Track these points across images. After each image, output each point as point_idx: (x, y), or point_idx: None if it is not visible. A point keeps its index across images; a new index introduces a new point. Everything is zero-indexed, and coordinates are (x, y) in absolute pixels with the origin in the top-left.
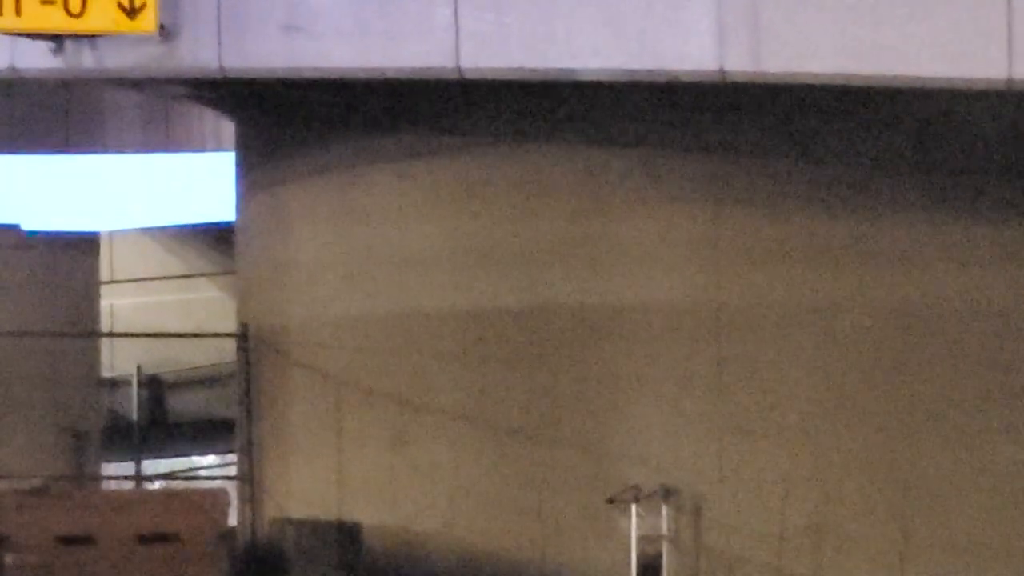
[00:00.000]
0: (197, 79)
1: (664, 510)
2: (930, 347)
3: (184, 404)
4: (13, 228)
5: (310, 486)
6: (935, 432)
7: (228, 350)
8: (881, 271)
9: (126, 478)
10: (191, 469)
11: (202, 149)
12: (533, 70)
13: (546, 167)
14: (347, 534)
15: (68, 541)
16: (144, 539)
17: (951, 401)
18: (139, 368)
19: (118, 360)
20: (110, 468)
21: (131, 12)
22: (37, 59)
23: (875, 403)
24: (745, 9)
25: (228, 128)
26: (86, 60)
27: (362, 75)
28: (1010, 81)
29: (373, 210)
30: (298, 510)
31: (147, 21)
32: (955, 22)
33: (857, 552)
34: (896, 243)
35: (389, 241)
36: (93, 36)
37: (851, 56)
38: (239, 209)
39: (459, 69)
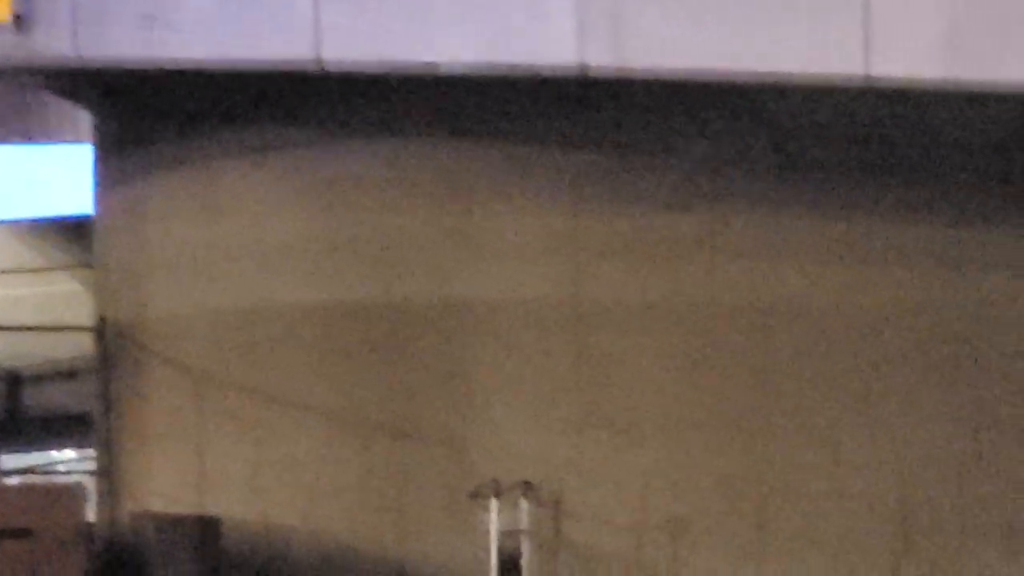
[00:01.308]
0: (53, 69)
1: (524, 505)
2: (788, 344)
3: (42, 398)
4: None
5: (170, 480)
6: (793, 429)
7: (87, 344)
8: (738, 268)
9: None
10: (49, 464)
11: (59, 140)
12: (394, 63)
13: (407, 161)
14: (207, 529)
15: None
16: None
17: (809, 399)
18: None
19: None
20: None
21: None
22: None
23: (733, 399)
24: (606, 4)
25: (86, 119)
26: None
27: (221, 67)
28: (867, 78)
29: (233, 203)
30: (158, 505)
31: (2, 9)
32: (813, 20)
33: (715, 546)
34: (753, 240)
35: (249, 234)
36: None
37: (712, 53)
38: (97, 201)
39: (320, 61)
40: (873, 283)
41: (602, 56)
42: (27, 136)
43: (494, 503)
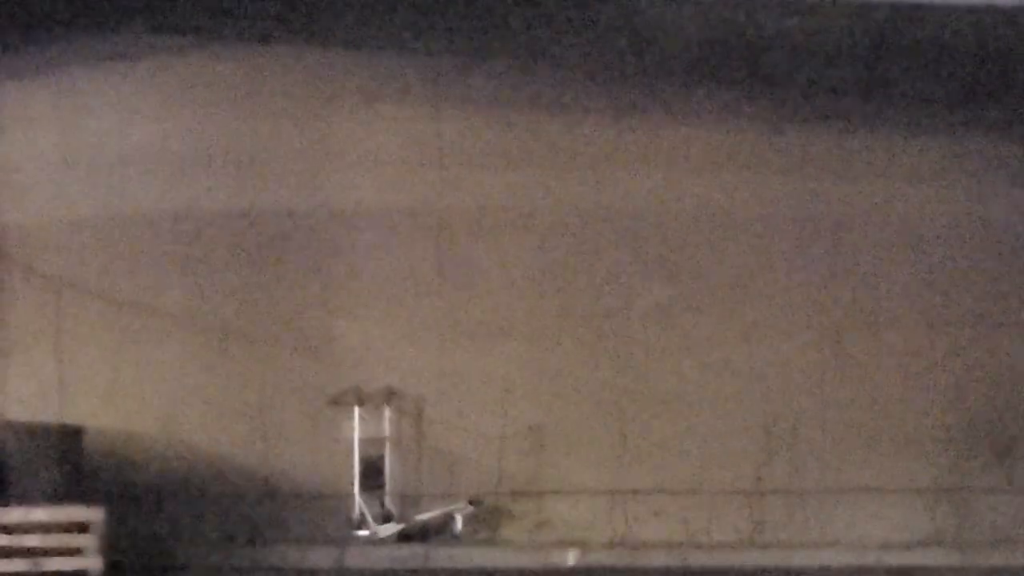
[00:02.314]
0: None
1: (386, 412)
2: (653, 251)
3: None
4: None
5: (30, 389)
6: (657, 336)
7: None
8: (602, 175)
9: None
10: None
11: None
12: None
13: (266, 68)
14: (68, 437)
15: None
16: None
17: (675, 306)
18: None
19: None
20: None
21: None
22: None
23: (597, 306)
24: None
25: None
26: None
27: None
28: None
29: (91, 111)
30: (18, 413)
31: None
32: None
33: (577, 452)
34: (617, 147)
35: (107, 142)
36: None
37: None
38: None
39: None
40: (737, 191)
41: None
42: None
43: (356, 410)
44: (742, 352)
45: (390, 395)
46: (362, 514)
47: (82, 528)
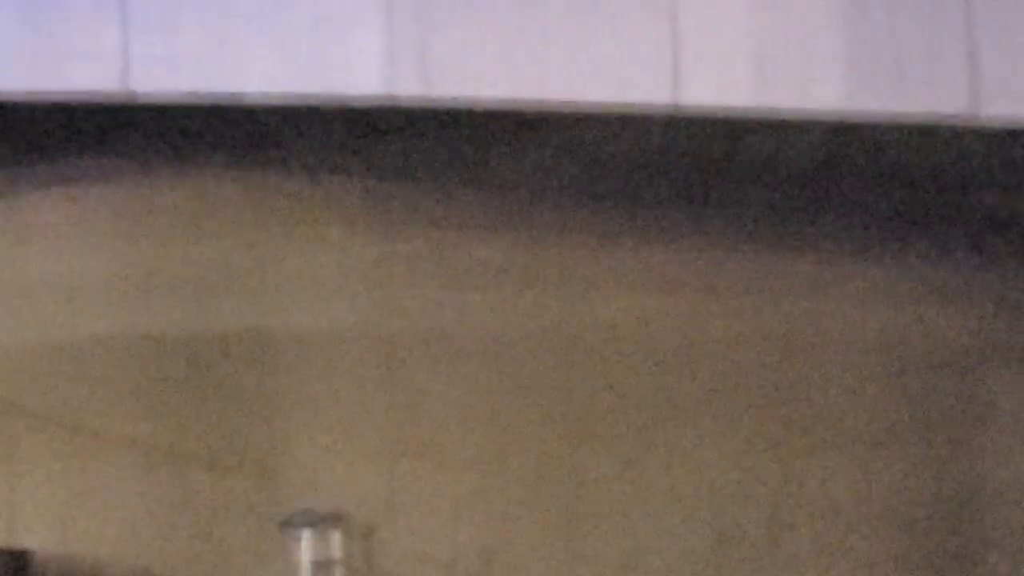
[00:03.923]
0: None
1: (336, 535)
2: (599, 374)
3: None
4: None
5: None
6: (604, 459)
7: None
8: (547, 297)
9: None
10: None
11: None
12: (204, 94)
13: (216, 190)
14: (18, 562)
15: None
16: None
17: (620, 428)
18: None
19: None
20: None
21: None
22: None
23: (544, 429)
24: (415, 33)
25: None
26: None
27: (27, 98)
28: (676, 107)
29: (37, 235)
30: None
31: None
32: (620, 47)
33: (527, 572)
34: (564, 269)
35: (54, 266)
36: None
37: (520, 81)
38: None
39: (130, 92)
40: (682, 313)
41: (410, 85)
42: None
43: (306, 533)
44: (688, 474)
45: (339, 518)
46: None
47: None
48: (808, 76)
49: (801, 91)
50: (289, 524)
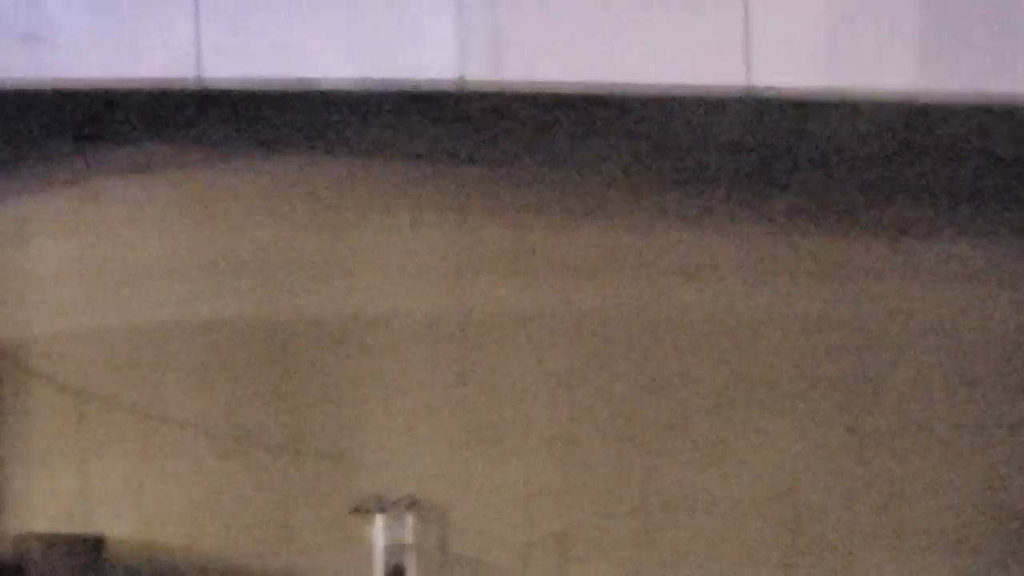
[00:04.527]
0: None
1: (409, 519)
2: (673, 356)
3: None
4: None
5: (53, 500)
6: (678, 440)
7: None
8: (621, 280)
9: None
10: None
11: None
12: (274, 80)
13: (289, 177)
14: (91, 548)
15: None
16: None
17: (694, 410)
18: None
19: None
20: None
21: None
22: None
23: (617, 411)
24: (485, 18)
25: None
26: None
27: (103, 86)
28: (748, 88)
29: (113, 221)
30: (42, 524)
31: None
32: (693, 29)
33: (601, 559)
34: (638, 252)
35: (130, 252)
36: None
37: (591, 65)
38: None
39: (200, 80)
40: (758, 294)
41: (481, 70)
42: None
43: (379, 518)
44: (764, 456)
45: (413, 503)
46: None
47: None
48: (880, 56)
49: (873, 71)
50: (362, 509)
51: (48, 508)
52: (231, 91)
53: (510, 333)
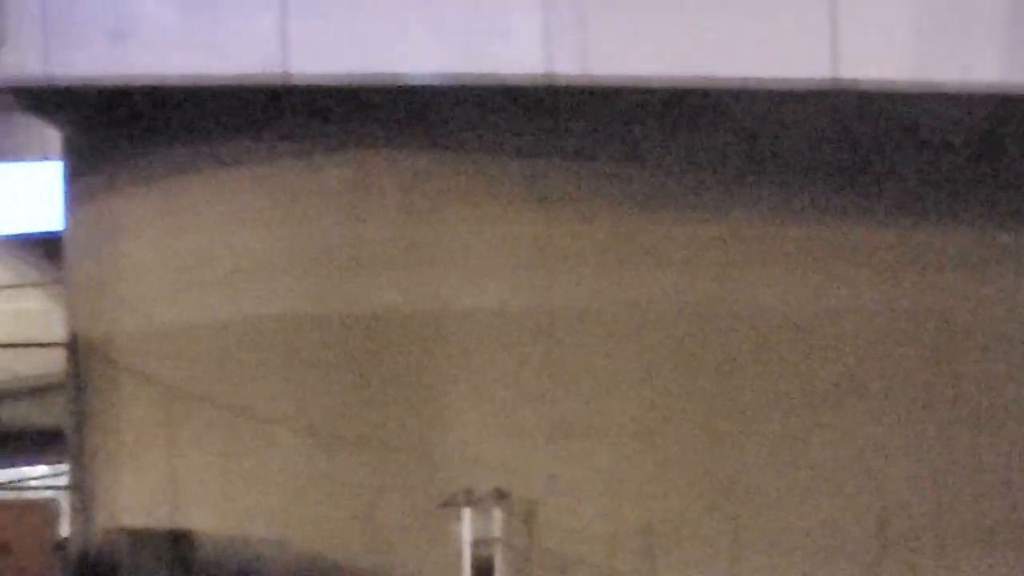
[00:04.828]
0: (23, 88)
1: (496, 513)
2: (759, 348)
3: (14, 414)
4: None
5: (142, 495)
6: (766, 433)
7: (57, 360)
8: (708, 272)
9: None
10: (22, 480)
11: (28, 158)
12: (360, 75)
13: (374, 172)
14: (179, 542)
15: None
16: None
17: (781, 402)
18: None
19: None
20: None
21: None
22: None
23: (704, 404)
24: (572, 12)
25: (54, 136)
26: None
27: (189, 82)
28: (835, 80)
29: (201, 217)
30: (131, 519)
31: None
32: (779, 22)
33: (689, 552)
34: (722, 245)
35: (217, 248)
36: None
37: (677, 58)
38: (66, 218)
39: (286, 75)
40: (843, 286)
41: (568, 64)
42: None
43: (466, 512)
44: (851, 448)
45: (500, 496)
46: None
47: None
48: (968, 49)
49: (961, 64)
50: (449, 503)
51: (137, 503)
52: (317, 86)
53: (596, 326)
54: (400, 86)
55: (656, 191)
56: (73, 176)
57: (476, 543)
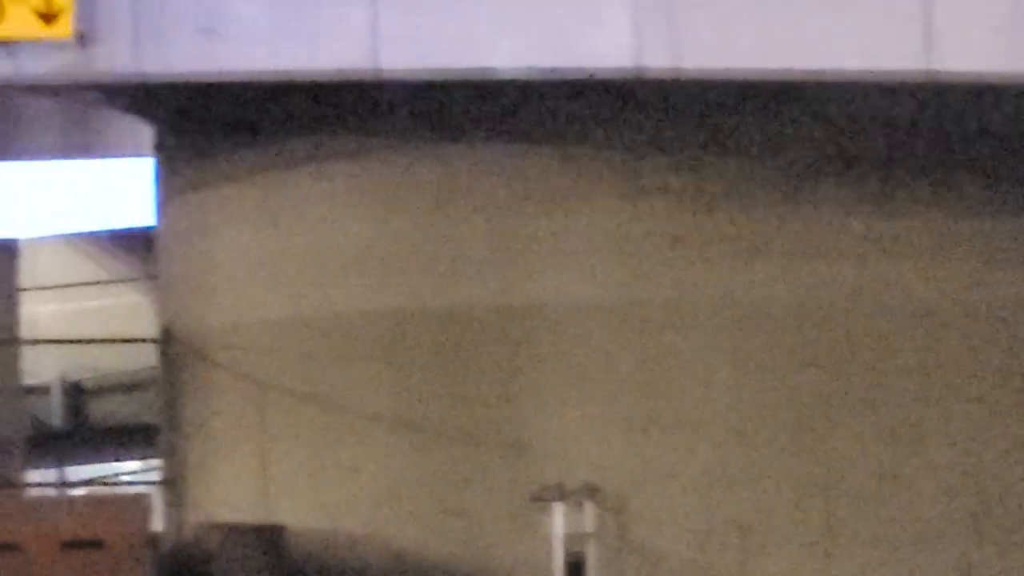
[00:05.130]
0: (115, 85)
1: (588, 508)
2: (856, 341)
3: (106, 410)
4: None
5: (234, 490)
6: (861, 427)
7: (149, 355)
8: (801, 265)
9: (50, 485)
10: (114, 475)
11: (121, 154)
12: (451, 70)
13: (465, 166)
14: (272, 537)
15: None
16: (69, 545)
17: (877, 397)
18: (60, 375)
19: (40, 367)
20: (34, 475)
21: (48, 18)
22: None
23: (798, 398)
24: (662, 5)
25: (146, 133)
26: (3, 67)
27: (281, 77)
28: (928, 72)
29: (293, 212)
30: (222, 514)
31: (64, 27)
32: (873, 14)
33: (782, 547)
34: (816, 237)
35: (309, 243)
36: (10, 42)
37: (769, 51)
38: (159, 214)
39: (378, 70)
40: (941, 279)
41: (658, 58)
42: (90, 151)
43: (558, 506)
44: (949, 443)
45: (592, 491)
46: None
47: None
48: None
49: None
50: (541, 497)
51: (229, 498)
52: (408, 80)
53: (688, 319)
54: (491, 80)
55: (748, 182)
56: (165, 172)
57: (568, 537)
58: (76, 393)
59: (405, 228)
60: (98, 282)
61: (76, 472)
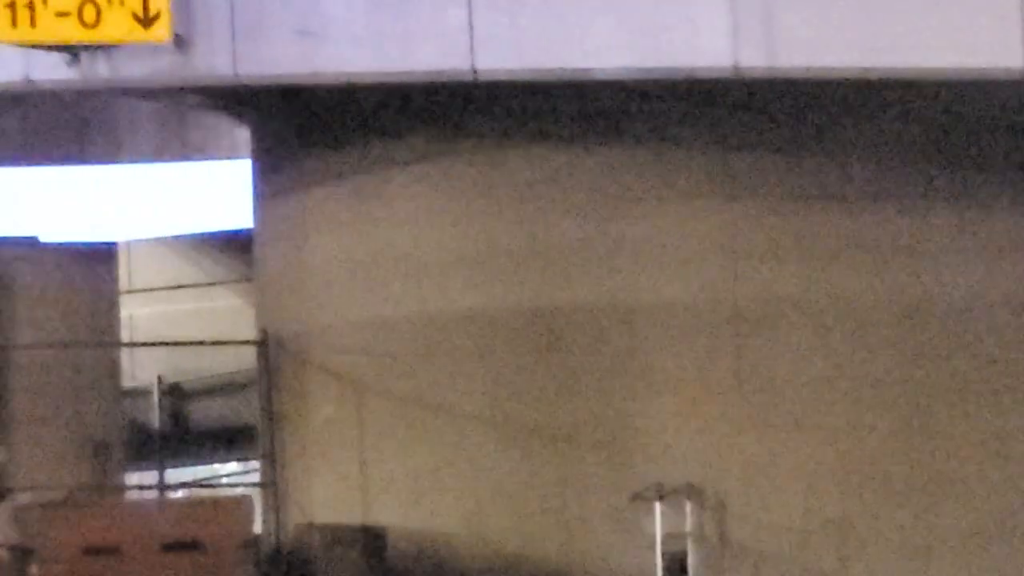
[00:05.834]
0: (212, 87)
1: (688, 507)
2: (952, 340)
3: (205, 412)
4: (31, 239)
5: (334, 491)
6: (959, 425)
7: (248, 357)
8: (897, 263)
9: (149, 487)
10: (214, 477)
11: (218, 157)
12: (548, 70)
13: (561, 167)
14: (372, 538)
15: (93, 552)
16: (169, 548)
17: (975, 395)
18: (160, 377)
19: (139, 370)
20: (133, 478)
21: (145, 22)
22: (52, 70)
23: (896, 396)
24: (759, 4)
25: (243, 135)
26: (101, 70)
27: (377, 79)
28: None
29: (389, 214)
30: (322, 515)
31: (161, 30)
32: (969, 12)
33: (883, 545)
34: (911, 235)
35: (406, 244)
36: (108, 46)
37: (865, 49)
38: (256, 216)
39: (474, 71)
40: None
41: (755, 57)
42: (187, 153)
43: (658, 506)
44: None
45: (692, 490)
46: None
47: None
48: None
49: None
50: (640, 497)
51: (328, 499)
52: (504, 82)
53: (785, 319)
54: (586, 80)
55: (845, 182)
56: (263, 174)
57: (668, 537)
58: (175, 395)
59: (500, 229)
60: (196, 284)
61: (176, 474)
